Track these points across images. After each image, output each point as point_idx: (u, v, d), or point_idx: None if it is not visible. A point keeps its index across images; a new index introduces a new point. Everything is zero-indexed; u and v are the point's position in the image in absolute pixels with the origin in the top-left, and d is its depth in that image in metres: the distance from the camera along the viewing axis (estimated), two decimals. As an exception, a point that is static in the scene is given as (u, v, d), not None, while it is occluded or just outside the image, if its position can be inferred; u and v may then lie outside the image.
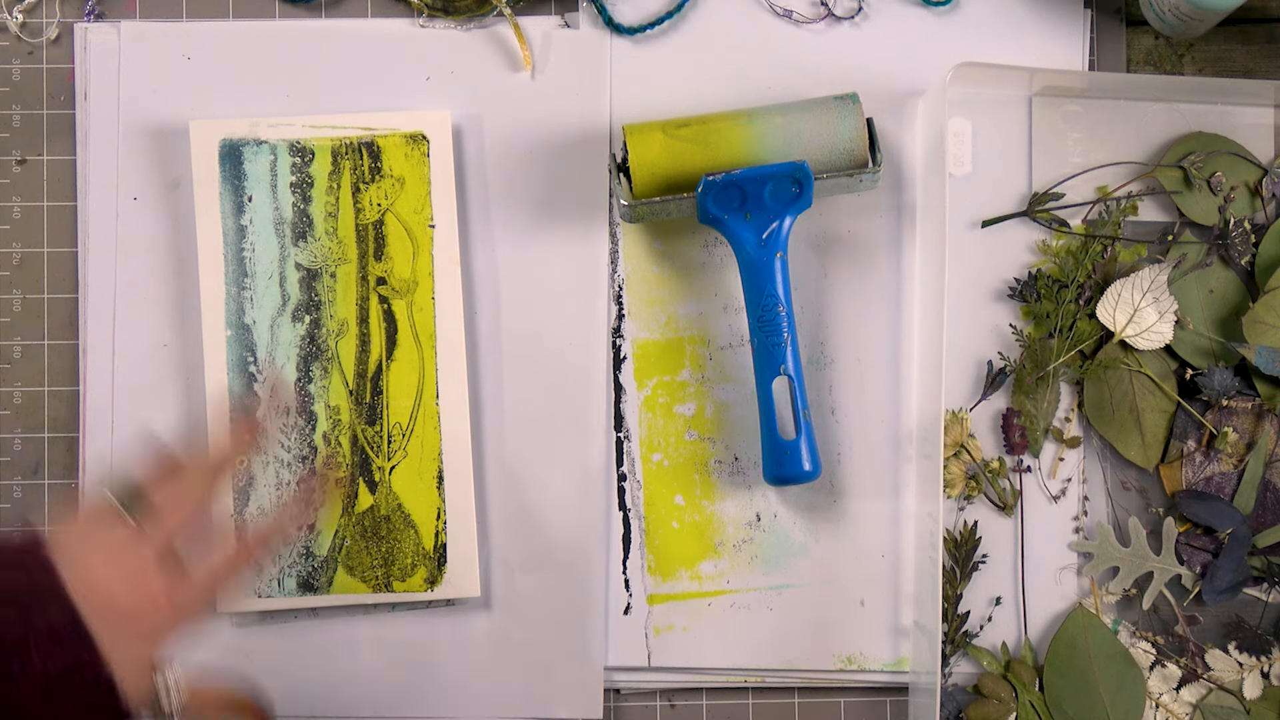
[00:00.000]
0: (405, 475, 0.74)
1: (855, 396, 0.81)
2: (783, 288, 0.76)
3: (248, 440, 0.64)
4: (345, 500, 0.73)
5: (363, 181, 0.72)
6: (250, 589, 0.74)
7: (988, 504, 0.80)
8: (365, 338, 0.73)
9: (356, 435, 0.74)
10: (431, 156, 0.72)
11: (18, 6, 0.81)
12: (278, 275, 0.73)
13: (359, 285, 0.73)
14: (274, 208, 0.73)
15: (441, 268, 0.73)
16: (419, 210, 0.73)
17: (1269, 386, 0.80)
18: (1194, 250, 0.81)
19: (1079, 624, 0.79)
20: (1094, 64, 0.82)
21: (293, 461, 0.73)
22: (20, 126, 0.81)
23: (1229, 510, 0.79)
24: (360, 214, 0.73)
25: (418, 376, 0.73)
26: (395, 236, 0.73)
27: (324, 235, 0.73)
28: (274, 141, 0.73)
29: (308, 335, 0.73)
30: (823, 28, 0.82)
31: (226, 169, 0.73)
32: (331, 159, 0.73)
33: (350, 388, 0.73)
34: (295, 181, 0.73)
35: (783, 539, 0.80)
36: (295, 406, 0.73)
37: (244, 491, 0.74)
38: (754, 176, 0.74)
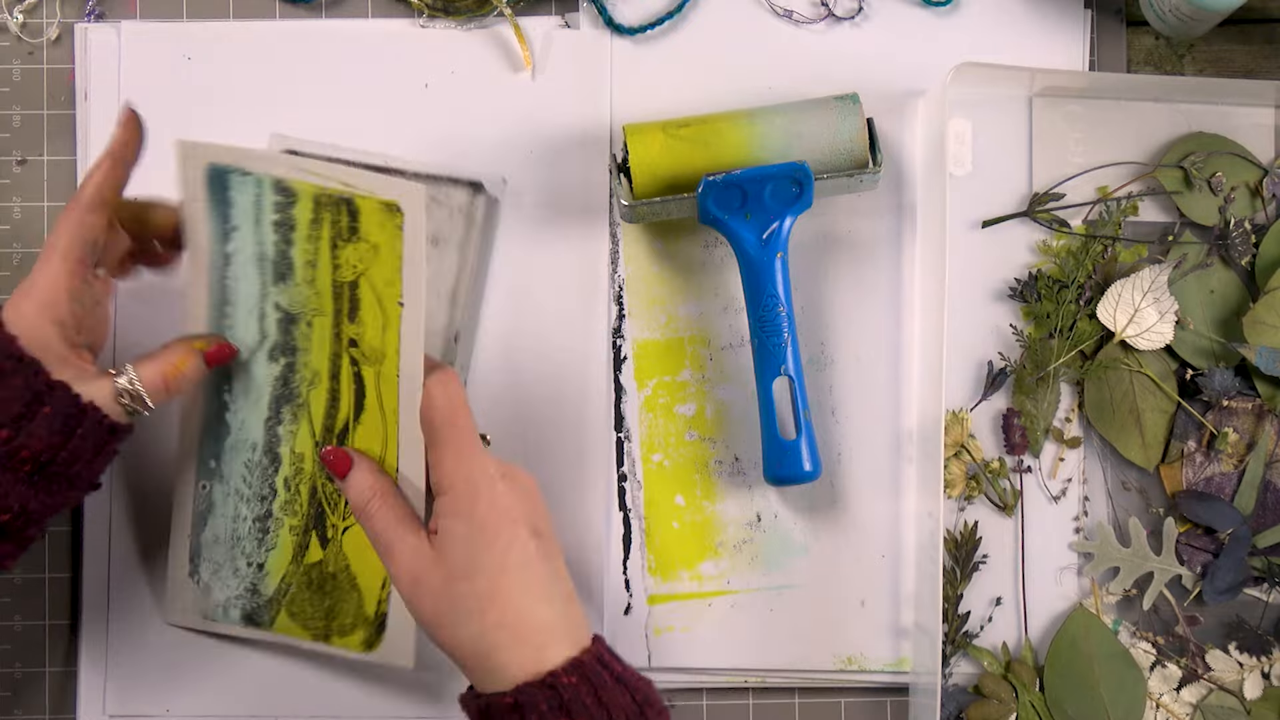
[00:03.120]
0: (358, 540, 0.72)
1: (855, 396, 0.81)
2: (783, 288, 0.76)
3: (131, 134, 0.67)
4: (297, 549, 0.73)
5: (341, 239, 0.67)
6: (197, 609, 0.75)
7: (988, 504, 0.80)
8: (335, 394, 0.70)
9: (316, 487, 0.72)
10: (405, 230, 0.65)
11: (18, 6, 0.81)
12: (258, 310, 0.70)
13: (333, 340, 0.69)
14: (257, 242, 0.69)
15: (407, 350, 0.67)
16: (390, 284, 0.66)
17: (1269, 387, 0.80)
18: (1194, 250, 0.81)
19: (1079, 624, 0.79)
20: (1094, 64, 0.82)
21: (252, 498, 0.72)
22: (20, 126, 0.81)
23: (1229, 510, 0.79)
24: (338, 271, 0.68)
25: (380, 447, 0.69)
26: (368, 303, 0.68)
27: (303, 282, 0.69)
28: (260, 175, 0.67)
29: (281, 377, 0.70)
30: (823, 28, 0.82)
31: (214, 193, 0.68)
32: (314, 206, 0.67)
33: (317, 439, 0.71)
34: (278, 221, 0.68)
35: (783, 539, 0.80)
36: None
37: (202, 516, 0.74)
38: (754, 176, 0.74)
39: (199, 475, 0.73)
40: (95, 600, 0.79)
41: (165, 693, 0.79)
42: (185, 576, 0.75)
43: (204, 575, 0.74)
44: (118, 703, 0.79)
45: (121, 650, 0.79)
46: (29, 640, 0.79)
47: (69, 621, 0.79)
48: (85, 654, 0.79)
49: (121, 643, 0.79)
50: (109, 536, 0.79)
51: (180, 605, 0.76)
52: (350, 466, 0.67)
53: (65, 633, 0.80)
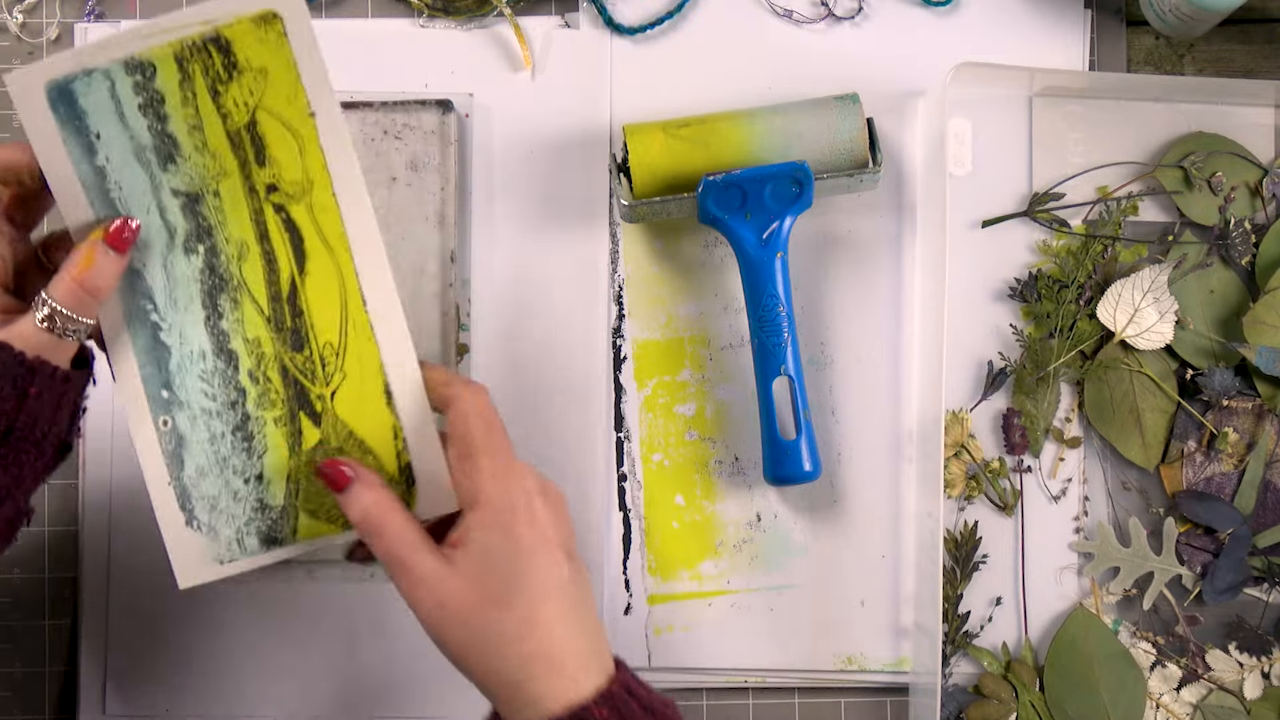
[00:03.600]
0: (349, 398, 0.65)
1: (855, 396, 0.81)
2: (783, 288, 0.76)
3: None
4: (290, 439, 0.65)
5: (220, 82, 0.61)
6: (210, 556, 0.66)
7: (988, 504, 0.80)
8: (270, 255, 0.63)
9: (285, 366, 0.64)
10: (290, 35, 0.60)
11: (18, 6, 0.81)
12: (155, 207, 0.62)
13: (248, 198, 0.63)
14: (129, 137, 0.61)
15: (335, 157, 0.62)
16: (292, 99, 0.61)
17: (1269, 386, 0.80)
18: (1194, 250, 0.81)
19: (1079, 624, 0.79)
20: (1094, 64, 0.82)
21: (222, 410, 0.64)
22: (20, 127, 0.81)
23: (1229, 510, 0.79)
24: (228, 119, 0.62)
25: (338, 286, 0.63)
26: (274, 135, 0.62)
27: (194, 152, 0.62)
28: (105, 66, 0.61)
29: (206, 266, 0.63)
30: (823, 28, 0.82)
31: (61, 114, 0.61)
32: (177, 67, 0.61)
33: (266, 314, 0.64)
34: (144, 102, 0.61)
35: (783, 539, 0.80)
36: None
37: (175, 455, 0.64)
38: (754, 176, 0.74)
39: (155, 413, 0.65)
40: (95, 600, 0.79)
41: (165, 693, 0.79)
42: (183, 528, 0.66)
43: (202, 518, 0.66)
44: (118, 703, 0.79)
45: (121, 650, 0.79)
46: (29, 640, 0.79)
47: (69, 621, 0.79)
48: (85, 654, 0.79)
49: (121, 643, 0.79)
50: (109, 536, 0.79)
51: (190, 563, 0.66)
52: (349, 480, 0.61)
53: (65, 633, 0.80)
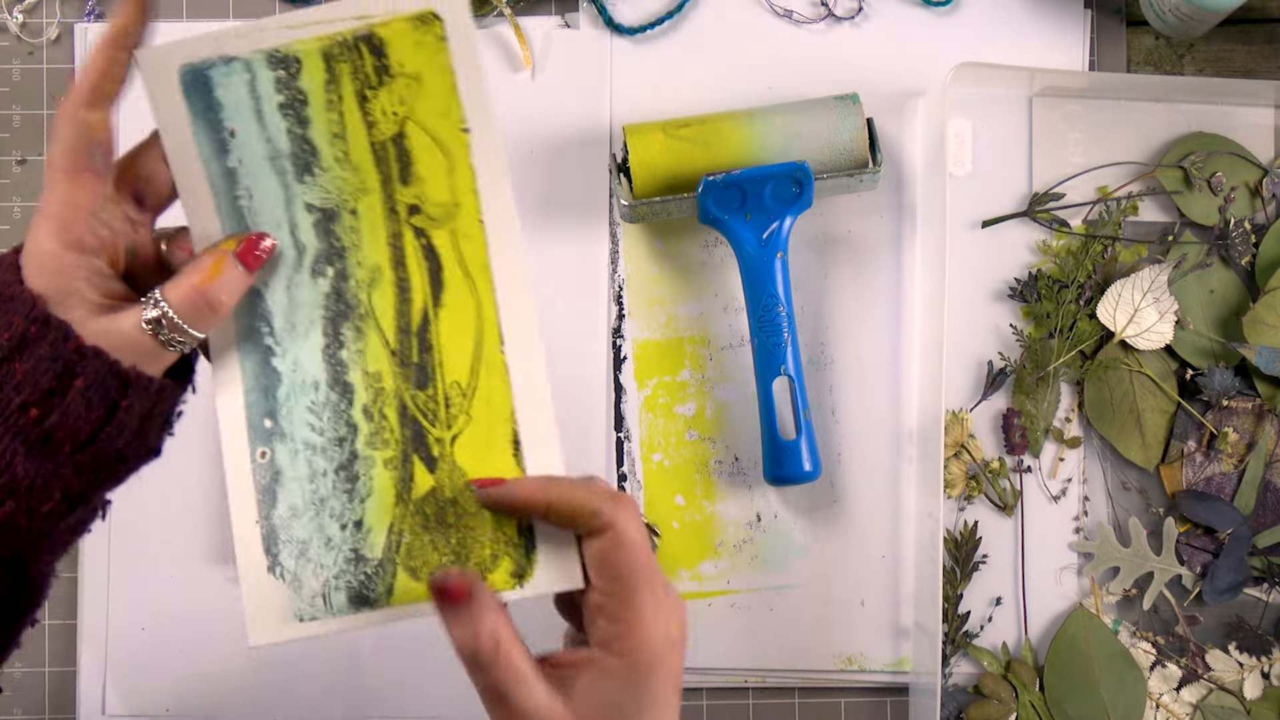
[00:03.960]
0: (472, 444, 0.58)
1: (855, 396, 0.81)
2: (783, 288, 0.76)
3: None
4: (399, 485, 0.58)
5: (369, 87, 0.56)
6: (290, 611, 0.57)
7: (988, 504, 0.80)
8: (404, 283, 0.57)
9: (405, 404, 0.58)
10: (450, 40, 0.55)
11: (18, 6, 0.81)
12: (286, 223, 0.57)
13: (387, 219, 0.57)
14: (265, 139, 0.56)
15: (487, 180, 0.56)
16: (446, 113, 0.56)
17: (1269, 386, 0.80)
18: (1194, 250, 0.81)
19: (1079, 624, 0.79)
20: (1094, 64, 0.82)
21: (328, 445, 0.57)
22: (20, 126, 0.81)
23: (1229, 510, 0.79)
24: (373, 129, 0.56)
25: (474, 321, 0.57)
26: (422, 151, 0.56)
27: (334, 163, 0.57)
28: (246, 56, 0.56)
29: (333, 291, 0.57)
30: (823, 28, 0.82)
31: (195, 103, 0.56)
32: (324, 65, 0.56)
33: (392, 347, 0.57)
34: (285, 101, 0.56)
35: (783, 539, 0.80)
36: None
37: (269, 490, 0.57)
38: (754, 176, 0.74)
39: (253, 442, 0.58)
40: (95, 600, 0.79)
41: (165, 693, 0.79)
42: (264, 575, 0.57)
43: (288, 565, 0.57)
44: (117, 703, 0.79)
45: (121, 650, 0.79)
46: (29, 641, 0.79)
47: (69, 621, 0.79)
48: (85, 654, 0.79)
49: (121, 643, 0.79)
50: (109, 536, 0.79)
51: (266, 616, 0.57)
52: (466, 597, 0.53)
53: (65, 633, 0.80)
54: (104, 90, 0.53)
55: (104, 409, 0.52)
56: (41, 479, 0.52)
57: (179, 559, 0.79)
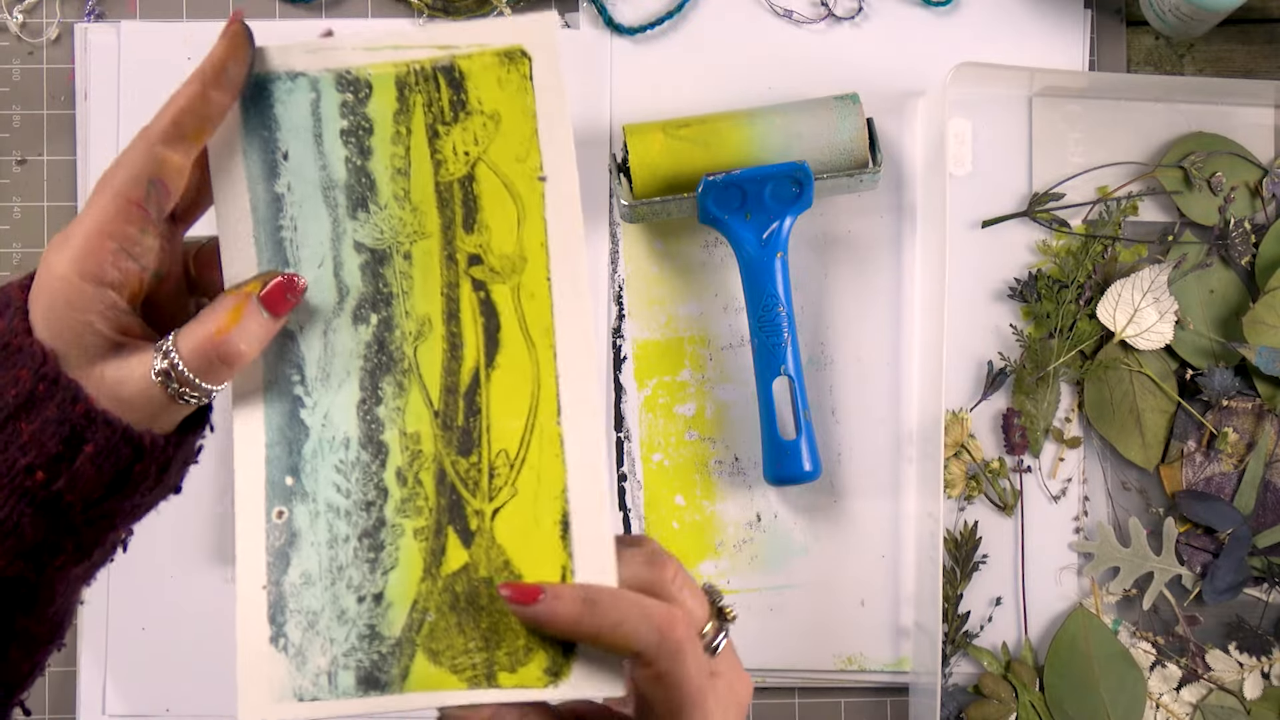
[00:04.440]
0: (515, 520, 0.51)
1: (855, 396, 0.81)
2: (783, 288, 0.76)
3: (236, 39, 0.50)
4: (428, 558, 0.51)
5: (441, 122, 0.52)
6: (288, 688, 0.51)
7: (988, 504, 0.80)
8: (455, 340, 0.52)
9: (444, 470, 0.52)
10: (536, 80, 0.51)
11: (18, 6, 0.81)
12: (330, 261, 0.52)
13: (444, 268, 0.52)
14: (320, 167, 0.52)
15: (560, 235, 0.51)
16: (523, 158, 0.51)
17: (1269, 386, 0.80)
18: (1194, 250, 0.81)
19: (1079, 624, 0.79)
20: (1094, 64, 0.82)
21: (353, 509, 0.51)
22: (20, 126, 0.81)
23: (1229, 510, 0.79)
24: (441, 168, 0.52)
25: (530, 387, 0.52)
26: (492, 197, 0.52)
27: (392, 201, 0.52)
28: (314, 74, 0.51)
29: (375, 341, 0.52)
30: (823, 28, 0.82)
31: (250, 115, 0.51)
32: (397, 93, 0.51)
33: (435, 408, 0.52)
34: (348, 128, 0.52)
35: (783, 539, 0.80)
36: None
37: (281, 554, 0.51)
38: (754, 176, 0.74)
39: (270, 500, 0.52)
40: (95, 600, 0.79)
41: (165, 693, 0.79)
42: (265, 645, 0.51)
43: (293, 636, 0.51)
44: (118, 703, 0.79)
45: (121, 650, 0.79)
46: (29, 640, 0.79)
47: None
48: (85, 654, 0.79)
49: (121, 643, 0.79)
50: (109, 536, 0.79)
51: (260, 692, 0.51)
52: (538, 593, 0.48)
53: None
54: (185, 128, 0.49)
55: (115, 473, 0.48)
56: (52, 538, 0.48)
57: (179, 559, 0.79)
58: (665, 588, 0.49)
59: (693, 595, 0.50)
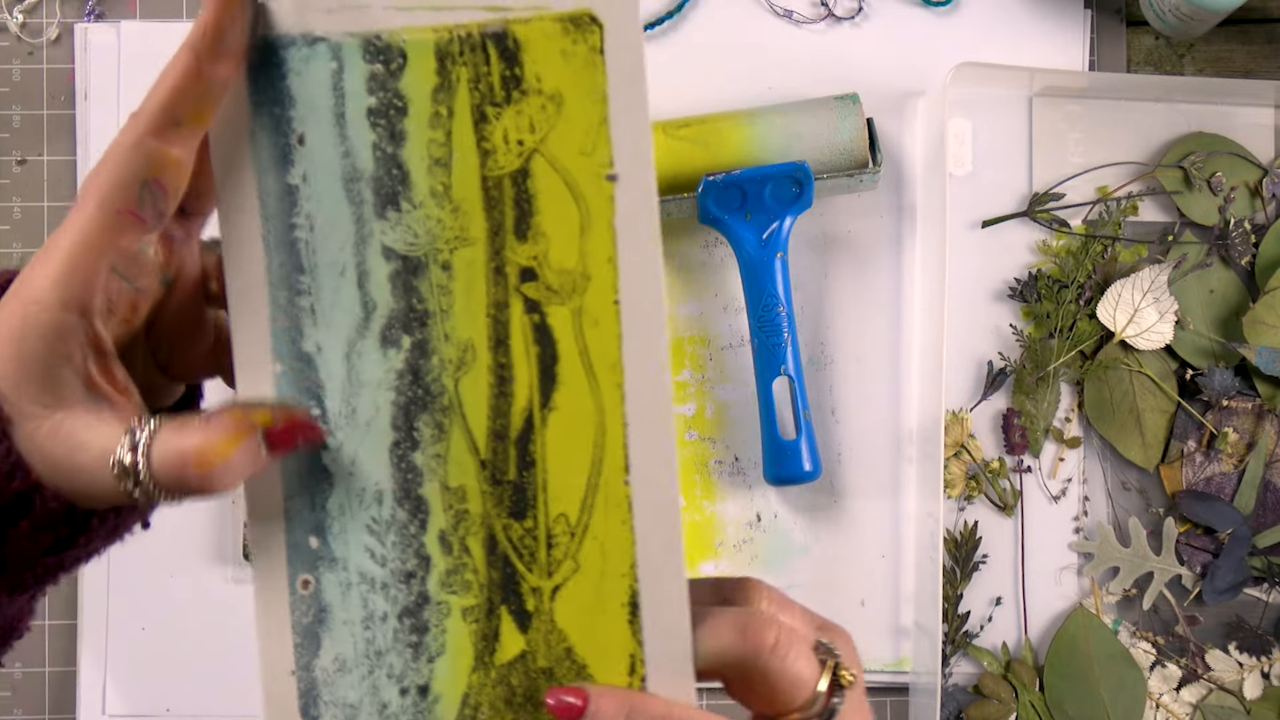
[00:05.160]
0: (577, 600, 0.44)
1: (855, 396, 0.81)
2: (783, 288, 0.76)
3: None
4: (479, 644, 0.44)
5: (491, 103, 0.42)
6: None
7: (988, 504, 0.80)
8: (504, 372, 0.43)
9: (495, 536, 0.44)
10: (608, 54, 0.42)
11: (18, 6, 0.81)
12: (353, 270, 0.43)
13: (491, 282, 0.43)
14: (342, 154, 0.42)
15: (631, 248, 0.42)
16: (588, 151, 0.42)
17: (1269, 386, 0.80)
18: (1194, 250, 0.81)
19: (1079, 624, 0.79)
20: (1094, 64, 0.82)
21: (390, 581, 0.43)
22: (20, 126, 0.81)
23: (1229, 510, 0.79)
24: (489, 160, 0.42)
25: (593, 436, 0.43)
26: (550, 197, 0.42)
27: (429, 198, 0.43)
28: (336, 39, 0.42)
29: (408, 369, 0.43)
30: (823, 28, 0.82)
31: (260, 88, 0.42)
32: (437, 64, 0.42)
33: (482, 456, 0.43)
34: (377, 107, 0.42)
35: (783, 539, 0.80)
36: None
37: (310, 633, 0.44)
38: (754, 176, 0.74)
39: (294, 568, 0.44)
40: (95, 600, 0.79)
41: (165, 693, 0.79)
42: None
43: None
44: (118, 702, 0.79)
45: (121, 650, 0.79)
46: (29, 641, 0.79)
47: (69, 622, 0.79)
48: (85, 654, 0.79)
49: (121, 643, 0.79)
50: (109, 536, 0.79)
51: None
52: (584, 706, 0.41)
53: (65, 633, 0.80)
54: (179, 112, 0.40)
55: (54, 540, 0.41)
56: None
57: (179, 559, 0.79)
58: (763, 663, 0.41)
59: (805, 662, 0.42)
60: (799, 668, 0.41)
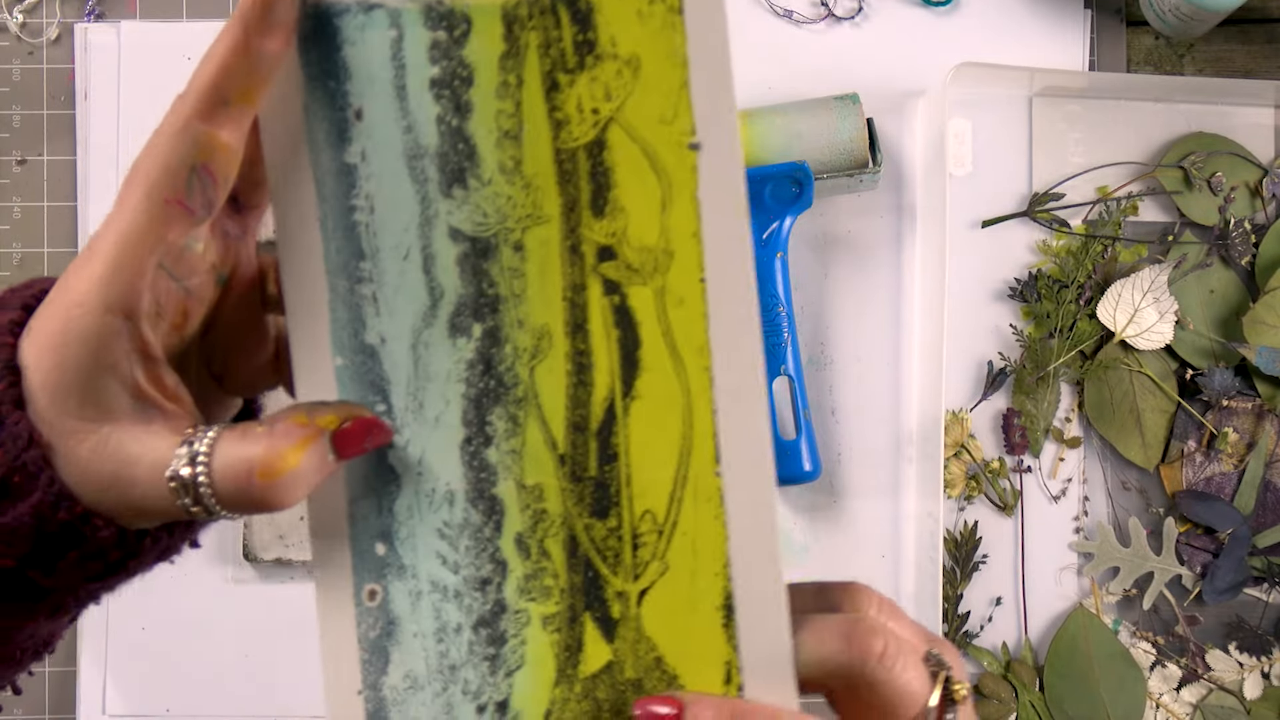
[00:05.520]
0: (666, 604, 0.40)
1: (855, 396, 0.81)
2: (783, 288, 0.76)
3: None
4: (562, 655, 0.40)
5: (563, 69, 0.39)
6: None
7: (988, 504, 0.80)
8: (582, 359, 0.40)
9: (577, 537, 0.40)
10: (688, 14, 0.39)
11: (18, 6, 0.81)
12: (418, 253, 0.40)
13: (566, 263, 0.40)
14: (404, 129, 0.39)
15: (716, 222, 0.39)
16: (669, 119, 0.39)
17: (1269, 386, 0.80)
18: (1194, 250, 0.81)
19: (1079, 624, 0.79)
20: (1094, 64, 0.82)
21: (463, 589, 0.40)
22: (20, 126, 0.81)
23: (1229, 510, 0.79)
24: (563, 131, 0.39)
25: (680, 424, 0.40)
26: (628, 170, 0.39)
27: (498, 174, 0.39)
28: (395, 4, 0.39)
29: (479, 359, 0.40)
30: (823, 28, 0.82)
31: (313, 60, 0.39)
32: (504, 30, 0.39)
33: (561, 451, 0.40)
34: (440, 77, 0.39)
35: (783, 539, 0.80)
36: None
37: (378, 648, 0.40)
38: (754, 176, 0.74)
39: (359, 576, 0.41)
40: (95, 600, 0.79)
41: (165, 693, 0.79)
42: None
43: None
44: (118, 702, 0.79)
45: (121, 650, 0.79)
46: (29, 640, 0.79)
47: (69, 621, 0.80)
48: (85, 654, 0.79)
49: (121, 643, 0.79)
50: (109, 536, 0.79)
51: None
52: (680, 716, 0.38)
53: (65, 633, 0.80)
54: (228, 91, 0.37)
55: (103, 568, 0.39)
56: (18, 619, 0.39)
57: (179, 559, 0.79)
58: (870, 672, 0.38)
59: (915, 674, 0.38)
60: (908, 679, 0.38)
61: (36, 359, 0.35)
